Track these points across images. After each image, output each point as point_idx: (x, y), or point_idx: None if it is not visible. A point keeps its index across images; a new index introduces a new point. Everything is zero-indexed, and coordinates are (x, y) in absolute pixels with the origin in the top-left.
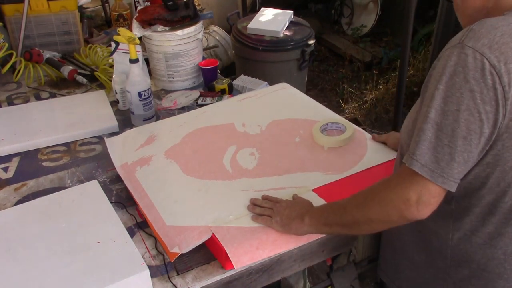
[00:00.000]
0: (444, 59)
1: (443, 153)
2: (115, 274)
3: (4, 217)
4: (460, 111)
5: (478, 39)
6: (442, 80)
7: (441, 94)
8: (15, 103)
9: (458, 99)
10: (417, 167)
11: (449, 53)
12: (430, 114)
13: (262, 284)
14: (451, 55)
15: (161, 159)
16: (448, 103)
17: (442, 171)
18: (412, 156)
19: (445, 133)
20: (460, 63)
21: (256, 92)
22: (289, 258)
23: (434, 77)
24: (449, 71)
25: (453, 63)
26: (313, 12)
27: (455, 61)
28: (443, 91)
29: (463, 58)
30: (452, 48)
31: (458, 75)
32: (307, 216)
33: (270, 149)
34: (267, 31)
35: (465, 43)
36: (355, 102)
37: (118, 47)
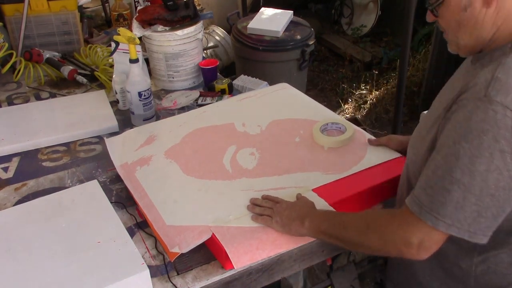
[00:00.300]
0: (468, 111)
1: (471, 211)
2: (115, 274)
3: (4, 217)
4: (490, 171)
5: (508, 93)
6: (468, 138)
7: (467, 154)
8: (15, 103)
9: (487, 159)
10: (443, 227)
11: (474, 106)
12: (455, 175)
13: (262, 284)
14: (476, 109)
15: (161, 159)
16: (476, 163)
17: (469, 226)
18: (437, 216)
19: (473, 193)
20: (488, 120)
21: (256, 92)
22: (289, 258)
23: (454, 129)
24: (475, 128)
25: (480, 119)
26: (313, 12)
27: (482, 117)
28: (470, 150)
29: (491, 116)
30: (477, 100)
31: (486, 133)
32: (307, 219)
33: (270, 149)
34: (267, 31)
35: (493, 98)
36: (355, 102)
37: (118, 47)
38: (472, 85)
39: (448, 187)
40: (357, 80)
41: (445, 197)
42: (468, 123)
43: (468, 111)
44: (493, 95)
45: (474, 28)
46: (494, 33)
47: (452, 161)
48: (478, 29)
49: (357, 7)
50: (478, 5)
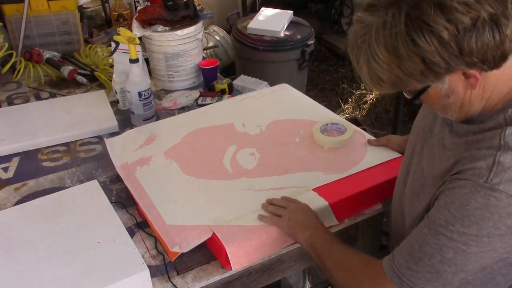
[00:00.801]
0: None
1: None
2: (115, 274)
3: (4, 217)
4: (486, 252)
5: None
6: (464, 223)
7: (462, 238)
8: (15, 103)
9: (484, 244)
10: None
11: (473, 190)
12: (447, 255)
13: (262, 284)
14: (476, 194)
15: (161, 159)
16: (472, 247)
17: None
18: None
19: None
20: (488, 208)
21: (256, 93)
22: (289, 258)
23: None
24: (474, 214)
25: (480, 205)
26: (313, 12)
27: (483, 204)
28: (466, 236)
29: (493, 203)
30: (476, 185)
31: (486, 221)
32: (309, 231)
33: (270, 149)
34: (267, 31)
35: (496, 186)
36: (355, 102)
37: (118, 47)
38: (470, 168)
39: (436, 266)
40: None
41: (432, 274)
42: (466, 207)
43: (465, 193)
44: (495, 183)
45: (462, 107)
46: (485, 104)
47: (444, 241)
48: (466, 107)
49: (357, 7)
50: (461, 90)
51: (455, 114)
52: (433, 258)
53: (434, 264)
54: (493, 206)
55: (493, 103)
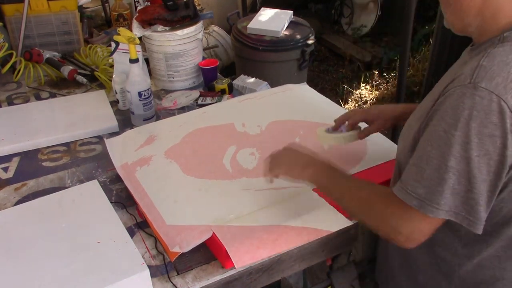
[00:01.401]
0: (454, 99)
1: (467, 198)
2: (115, 274)
3: (4, 217)
4: (480, 156)
5: (491, 79)
6: (457, 126)
7: (458, 141)
8: (15, 103)
9: (477, 144)
10: (442, 215)
11: (460, 93)
12: (450, 163)
13: (262, 284)
14: (463, 96)
15: (161, 159)
16: (468, 149)
17: (468, 214)
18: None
19: (467, 179)
20: (475, 106)
21: (256, 94)
22: (289, 258)
23: (443, 118)
24: (463, 115)
25: (467, 106)
26: (313, 12)
27: (468, 104)
28: (460, 137)
29: (478, 101)
30: (463, 87)
31: (474, 119)
32: (309, 168)
33: (270, 149)
34: (267, 31)
35: (478, 84)
36: (355, 102)
37: (118, 47)
38: (458, 75)
39: (444, 176)
40: (357, 80)
41: (442, 186)
42: (456, 111)
43: (454, 99)
44: (478, 81)
45: (459, 10)
46: (481, 23)
47: (445, 150)
48: (463, 12)
49: (357, 7)
50: None
51: (452, 15)
52: (440, 170)
53: (442, 176)
54: (478, 104)
55: (491, 31)
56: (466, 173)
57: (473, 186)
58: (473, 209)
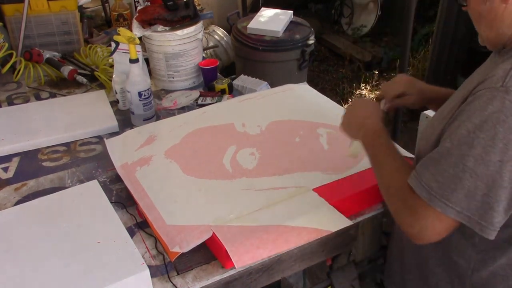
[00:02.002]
0: (484, 101)
1: (482, 202)
2: (115, 274)
3: (4, 217)
4: (503, 162)
5: None
6: (483, 128)
7: (481, 143)
8: (15, 103)
9: (501, 149)
10: (452, 214)
11: (490, 96)
12: (468, 163)
13: (262, 284)
14: (492, 99)
15: (161, 159)
16: (490, 153)
17: (480, 218)
18: (446, 203)
19: (485, 183)
20: (503, 111)
21: (256, 94)
22: (289, 258)
23: (469, 118)
24: (491, 118)
25: (496, 109)
26: (313, 12)
27: (498, 107)
28: (484, 140)
29: (508, 106)
30: (493, 90)
31: (501, 124)
32: (361, 131)
33: (270, 149)
34: (267, 31)
35: (510, 88)
36: None
37: (118, 47)
38: (490, 76)
39: (460, 175)
40: (357, 80)
41: (456, 184)
42: (484, 113)
43: (483, 101)
44: (510, 85)
45: (493, 21)
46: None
47: (465, 149)
48: (497, 23)
49: (357, 7)
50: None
51: (487, 29)
52: (456, 167)
53: (457, 174)
54: (508, 109)
55: None
56: (485, 176)
57: (490, 191)
58: (487, 214)
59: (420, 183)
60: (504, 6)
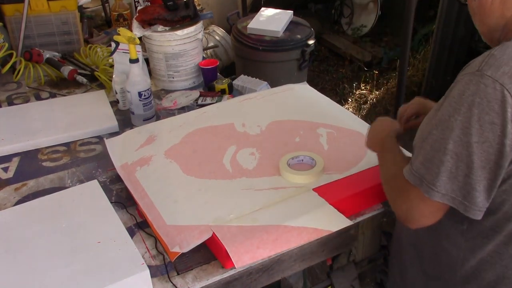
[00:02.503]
0: (462, 85)
1: (464, 182)
2: (115, 274)
3: (4, 217)
4: (479, 143)
5: (498, 67)
6: (460, 111)
7: (459, 125)
8: (15, 103)
9: (477, 130)
10: (437, 197)
11: (468, 80)
12: (449, 146)
13: (262, 284)
14: (469, 83)
15: (161, 159)
16: (467, 134)
17: (464, 198)
18: (432, 187)
19: (465, 163)
20: (478, 93)
21: (256, 94)
22: (289, 258)
23: (450, 103)
24: (467, 101)
25: (471, 92)
26: (313, 12)
27: (473, 90)
28: (461, 122)
29: (482, 89)
30: (470, 75)
31: (477, 106)
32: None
33: (270, 149)
34: (267, 31)
35: (484, 72)
36: (355, 102)
37: (118, 47)
38: (470, 63)
39: (442, 158)
40: (357, 80)
41: (439, 167)
42: (461, 97)
43: (462, 85)
44: (485, 70)
45: (484, 16)
46: (505, 24)
47: (446, 133)
48: (487, 18)
49: (357, 7)
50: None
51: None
52: (439, 152)
53: (440, 158)
54: (482, 91)
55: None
56: (464, 157)
57: (470, 171)
58: (469, 194)
59: (411, 171)
60: (491, 0)
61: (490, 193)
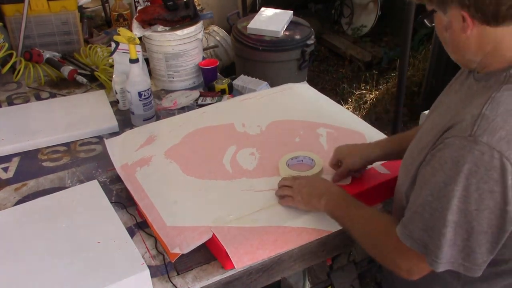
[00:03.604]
0: (454, 151)
1: (463, 246)
2: (115, 274)
3: (4, 217)
4: (480, 211)
5: (494, 132)
6: (457, 180)
7: (457, 195)
8: (15, 103)
9: (476, 200)
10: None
11: (460, 145)
12: (449, 217)
13: (262, 284)
14: (463, 149)
15: (161, 159)
16: (466, 203)
17: (463, 260)
18: (435, 259)
19: (464, 230)
20: (475, 162)
21: (256, 94)
22: (289, 258)
23: (443, 169)
24: (463, 170)
25: (467, 160)
26: (313, 12)
27: (469, 159)
28: (459, 192)
29: (478, 156)
30: (463, 139)
31: (474, 175)
32: (324, 198)
33: (270, 149)
34: (267, 31)
35: (479, 138)
36: (355, 102)
37: (118, 47)
38: (459, 121)
39: (443, 230)
40: (357, 80)
41: (440, 240)
42: (456, 164)
43: (454, 150)
44: (478, 135)
45: (457, 48)
46: (483, 58)
47: (444, 202)
48: (461, 51)
49: (357, 7)
50: (456, 29)
51: (453, 53)
52: (439, 223)
53: (440, 229)
54: (479, 160)
55: (496, 62)
56: (464, 224)
57: (470, 236)
58: (469, 257)
59: (412, 236)
60: (465, 35)
61: (492, 254)
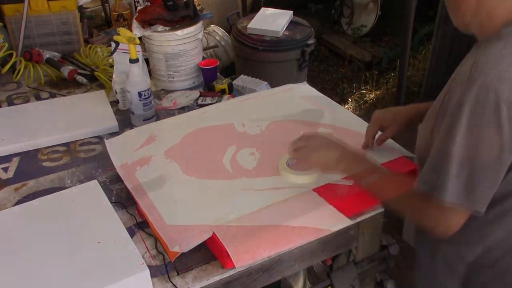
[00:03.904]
0: (457, 96)
1: (468, 182)
2: (115, 274)
3: (4, 217)
4: (480, 145)
5: (487, 73)
6: (459, 120)
7: (460, 133)
8: (15, 103)
9: (477, 134)
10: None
11: (460, 91)
12: (453, 153)
13: (262, 284)
14: (463, 93)
15: (161, 159)
16: (467, 138)
17: (474, 200)
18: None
19: (467, 164)
20: (474, 101)
21: (256, 94)
22: (289, 258)
23: (448, 115)
24: (464, 111)
25: (467, 102)
26: (313, 12)
27: (468, 100)
28: (462, 129)
29: (475, 96)
30: (462, 85)
31: (473, 112)
32: (342, 164)
33: (270, 149)
34: (267, 31)
35: (475, 81)
36: (355, 102)
37: (118, 47)
38: (459, 73)
39: (448, 166)
40: (357, 80)
41: (446, 175)
42: (459, 107)
43: (457, 96)
44: (475, 77)
45: (456, 11)
46: (479, 23)
47: (450, 142)
48: (461, 14)
49: (357, 7)
50: None
51: (453, 16)
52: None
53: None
54: (476, 98)
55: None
56: (466, 159)
57: (473, 170)
58: (474, 191)
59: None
60: None
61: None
